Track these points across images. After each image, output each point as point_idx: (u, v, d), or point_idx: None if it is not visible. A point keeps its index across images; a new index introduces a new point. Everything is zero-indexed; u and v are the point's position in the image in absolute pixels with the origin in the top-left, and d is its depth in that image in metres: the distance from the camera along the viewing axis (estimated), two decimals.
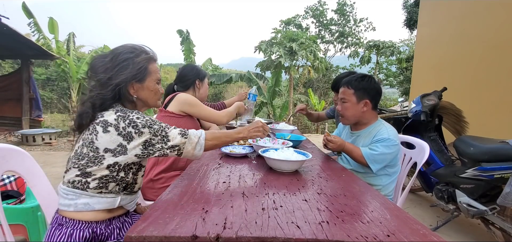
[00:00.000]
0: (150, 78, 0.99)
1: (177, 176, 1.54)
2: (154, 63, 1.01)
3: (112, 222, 0.96)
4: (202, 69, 1.88)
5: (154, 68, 1.01)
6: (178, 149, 0.94)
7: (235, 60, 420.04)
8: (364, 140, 1.46)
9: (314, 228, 0.64)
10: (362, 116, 1.48)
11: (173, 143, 0.93)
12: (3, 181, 1.83)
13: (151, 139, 0.90)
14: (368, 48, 14.34)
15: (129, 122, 0.87)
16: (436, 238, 0.62)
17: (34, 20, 6.85)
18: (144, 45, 1.02)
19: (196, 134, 0.98)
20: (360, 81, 1.45)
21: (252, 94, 2.35)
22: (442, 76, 3.83)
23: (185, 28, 8.61)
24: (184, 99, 1.63)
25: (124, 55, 0.94)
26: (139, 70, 0.95)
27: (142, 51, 0.98)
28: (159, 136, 0.91)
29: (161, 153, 0.93)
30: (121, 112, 0.89)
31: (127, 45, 0.98)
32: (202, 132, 1.01)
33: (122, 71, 0.93)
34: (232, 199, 0.80)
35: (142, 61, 0.96)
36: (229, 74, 9.57)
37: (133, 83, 0.95)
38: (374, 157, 1.35)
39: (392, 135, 1.37)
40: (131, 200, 1.00)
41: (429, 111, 2.26)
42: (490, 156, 1.80)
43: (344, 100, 1.49)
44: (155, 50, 1.05)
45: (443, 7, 3.98)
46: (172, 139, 0.93)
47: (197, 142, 0.97)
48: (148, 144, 0.90)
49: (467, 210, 1.90)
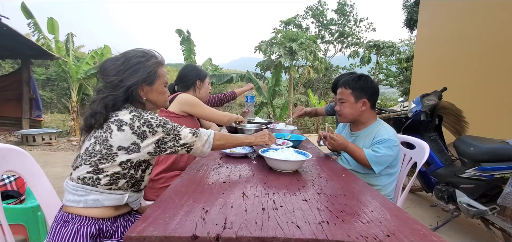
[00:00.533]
0: (159, 81, 1.05)
1: (177, 176, 1.54)
2: (162, 67, 1.07)
3: (117, 220, 0.98)
4: (202, 69, 1.88)
5: (163, 71, 1.07)
6: (188, 146, 1.00)
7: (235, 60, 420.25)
8: (364, 141, 1.46)
9: (314, 228, 0.64)
10: (360, 115, 1.49)
11: (185, 141, 0.98)
12: (3, 181, 1.83)
13: (164, 137, 0.95)
14: (368, 48, 14.35)
15: (144, 121, 0.92)
16: (436, 238, 0.62)
17: (34, 20, 6.84)
18: (154, 50, 1.07)
19: (206, 132, 1.05)
20: (357, 80, 1.47)
21: (250, 96, 2.36)
22: (442, 76, 3.83)
23: (185, 28, 8.61)
24: (185, 99, 1.63)
25: (136, 58, 0.99)
26: (149, 74, 1.01)
27: (152, 56, 1.04)
28: (171, 134, 0.96)
29: (173, 151, 0.98)
30: (135, 112, 0.94)
31: (139, 49, 1.03)
32: (212, 131, 1.07)
33: (134, 74, 0.98)
34: (232, 199, 0.80)
35: (152, 65, 1.02)
36: (229, 74, 9.57)
37: (144, 85, 1.01)
38: (377, 159, 1.35)
39: (392, 136, 1.38)
40: (137, 198, 1.02)
41: (429, 111, 2.26)
42: (490, 156, 1.80)
43: (343, 100, 1.50)
44: (156, 49, 1.09)
45: (443, 7, 3.98)
46: (184, 137, 0.98)
47: (206, 140, 1.03)
48: (161, 142, 0.95)
49: (467, 210, 1.90)
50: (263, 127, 2.03)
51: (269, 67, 9.38)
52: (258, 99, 9.84)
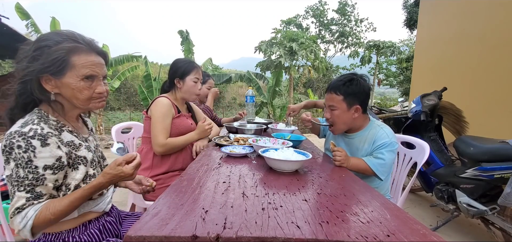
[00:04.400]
0: (73, 73, 0.81)
1: (176, 176, 1.54)
2: (83, 54, 0.83)
3: (88, 227, 0.92)
4: (189, 64, 1.66)
5: (82, 61, 0.82)
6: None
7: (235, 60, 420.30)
8: (363, 145, 1.40)
9: (314, 228, 0.64)
10: (353, 123, 1.41)
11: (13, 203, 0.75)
12: (3, 181, 1.83)
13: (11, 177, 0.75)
14: (368, 48, 14.37)
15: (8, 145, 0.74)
16: (436, 238, 0.62)
17: (32, 21, 6.85)
18: (78, 33, 0.85)
19: (23, 221, 0.74)
20: (349, 85, 1.34)
21: (249, 96, 2.36)
22: (442, 76, 3.83)
23: (185, 28, 8.61)
24: (153, 105, 1.53)
25: (41, 42, 0.80)
26: (53, 62, 0.78)
27: (65, 40, 0.81)
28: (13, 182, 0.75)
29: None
30: (20, 126, 0.76)
31: (52, 32, 0.84)
32: (31, 220, 0.74)
33: (32, 62, 0.79)
34: (232, 199, 0.80)
35: (58, 51, 0.79)
36: (229, 74, 9.58)
37: (47, 76, 0.80)
38: (384, 168, 1.29)
39: (392, 137, 1.33)
40: (96, 204, 0.93)
41: (429, 111, 2.26)
42: (490, 156, 1.80)
43: (333, 107, 1.38)
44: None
45: (443, 7, 3.98)
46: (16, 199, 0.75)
47: (22, 229, 0.75)
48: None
49: (467, 210, 1.90)
50: (263, 127, 2.03)
51: (269, 67, 9.39)
52: (258, 99, 9.85)
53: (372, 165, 1.29)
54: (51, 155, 0.78)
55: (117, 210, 1.12)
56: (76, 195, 0.81)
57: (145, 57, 8.15)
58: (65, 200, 0.80)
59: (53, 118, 0.85)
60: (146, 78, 7.78)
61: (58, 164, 0.80)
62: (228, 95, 16.88)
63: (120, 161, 0.86)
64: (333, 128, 1.45)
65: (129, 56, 7.94)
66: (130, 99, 15.58)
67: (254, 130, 1.93)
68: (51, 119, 0.84)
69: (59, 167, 0.80)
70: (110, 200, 1.03)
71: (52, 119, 0.84)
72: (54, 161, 0.78)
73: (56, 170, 0.79)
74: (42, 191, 0.77)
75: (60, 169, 0.80)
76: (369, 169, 1.30)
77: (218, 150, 1.48)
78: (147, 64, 7.85)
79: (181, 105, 1.69)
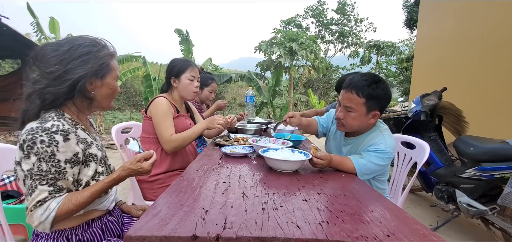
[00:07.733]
0: (111, 75, 0.93)
1: (176, 176, 1.54)
2: (114, 59, 0.95)
3: (91, 226, 0.93)
4: (184, 62, 1.64)
5: (115, 65, 0.95)
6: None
7: (235, 60, 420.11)
8: (361, 148, 1.27)
9: (314, 228, 0.64)
10: (367, 127, 1.26)
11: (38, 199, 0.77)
12: (3, 181, 1.83)
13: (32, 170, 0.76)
14: (368, 48, 14.36)
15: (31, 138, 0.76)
16: (436, 238, 0.62)
17: (36, 20, 6.87)
18: (105, 39, 0.95)
19: (45, 213, 0.77)
20: (375, 87, 1.16)
21: (249, 96, 2.35)
22: (442, 76, 3.83)
23: (184, 28, 8.61)
24: (152, 105, 1.53)
25: (86, 47, 0.86)
26: (101, 66, 0.88)
27: (104, 46, 0.92)
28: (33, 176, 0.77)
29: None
30: (39, 122, 0.79)
31: (88, 37, 0.91)
32: (54, 211, 0.78)
33: (83, 65, 0.84)
34: (232, 199, 0.80)
35: (105, 57, 0.90)
36: (229, 74, 9.58)
37: (94, 79, 0.89)
38: (365, 169, 1.16)
39: (390, 148, 1.18)
40: (100, 202, 0.95)
41: (429, 111, 2.26)
42: (490, 156, 1.80)
43: (351, 109, 1.20)
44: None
45: (443, 7, 3.98)
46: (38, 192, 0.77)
47: (43, 221, 0.77)
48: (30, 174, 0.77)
49: (467, 210, 1.90)
50: (263, 127, 2.03)
51: (269, 67, 9.39)
52: (258, 99, 9.85)
53: (356, 163, 1.17)
54: (70, 150, 0.82)
55: (119, 210, 1.12)
56: (96, 188, 0.87)
57: (144, 57, 8.16)
58: (86, 192, 0.85)
59: (68, 116, 0.89)
60: (146, 78, 7.79)
61: (75, 159, 0.83)
62: (228, 95, 16.89)
63: (140, 157, 0.94)
64: (342, 127, 1.31)
65: (128, 56, 7.95)
66: (130, 99, 15.57)
67: (254, 130, 1.93)
68: (67, 117, 0.88)
69: (75, 162, 0.84)
70: (113, 199, 1.04)
71: (67, 117, 0.88)
72: (72, 156, 0.82)
73: (73, 164, 0.83)
74: (63, 185, 0.82)
75: (76, 165, 0.84)
76: (352, 167, 1.16)
77: (218, 150, 1.47)
78: (146, 64, 7.86)
79: (179, 105, 1.68)
